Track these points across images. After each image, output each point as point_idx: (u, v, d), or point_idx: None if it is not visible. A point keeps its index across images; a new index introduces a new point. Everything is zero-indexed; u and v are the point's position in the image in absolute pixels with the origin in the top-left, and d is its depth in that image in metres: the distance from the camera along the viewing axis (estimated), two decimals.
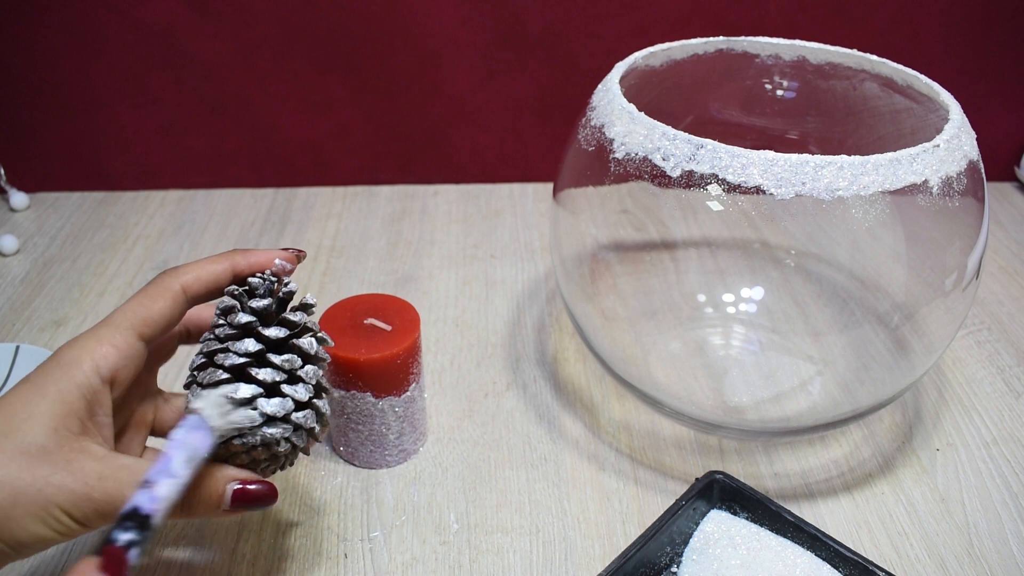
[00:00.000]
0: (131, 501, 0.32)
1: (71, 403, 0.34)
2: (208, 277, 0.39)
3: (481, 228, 0.78)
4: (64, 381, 0.34)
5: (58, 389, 0.34)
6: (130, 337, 0.36)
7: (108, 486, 0.33)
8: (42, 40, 0.75)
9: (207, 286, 0.39)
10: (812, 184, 0.42)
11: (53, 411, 0.34)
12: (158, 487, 0.32)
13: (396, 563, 0.47)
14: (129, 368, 0.36)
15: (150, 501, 0.32)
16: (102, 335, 0.36)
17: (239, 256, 0.40)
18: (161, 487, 0.32)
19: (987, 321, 0.67)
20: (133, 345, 0.36)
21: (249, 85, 0.79)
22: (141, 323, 0.37)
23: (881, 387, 0.53)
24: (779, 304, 0.64)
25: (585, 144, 0.50)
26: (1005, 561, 0.48)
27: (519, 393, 0.59)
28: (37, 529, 0.33)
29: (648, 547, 0.44)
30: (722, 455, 0.54)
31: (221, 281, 0.39)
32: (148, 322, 0.37)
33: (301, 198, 0.83)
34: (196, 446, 0.34)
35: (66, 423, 0.34)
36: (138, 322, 0.37)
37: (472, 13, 0.76)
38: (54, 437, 0.33)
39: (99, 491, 0.33)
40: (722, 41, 0.58)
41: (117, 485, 0.33)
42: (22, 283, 0.70)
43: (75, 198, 0.82)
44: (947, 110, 0.48)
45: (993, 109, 0.83)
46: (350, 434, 0.51)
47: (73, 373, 0.35)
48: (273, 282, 0.40)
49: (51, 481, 0.32)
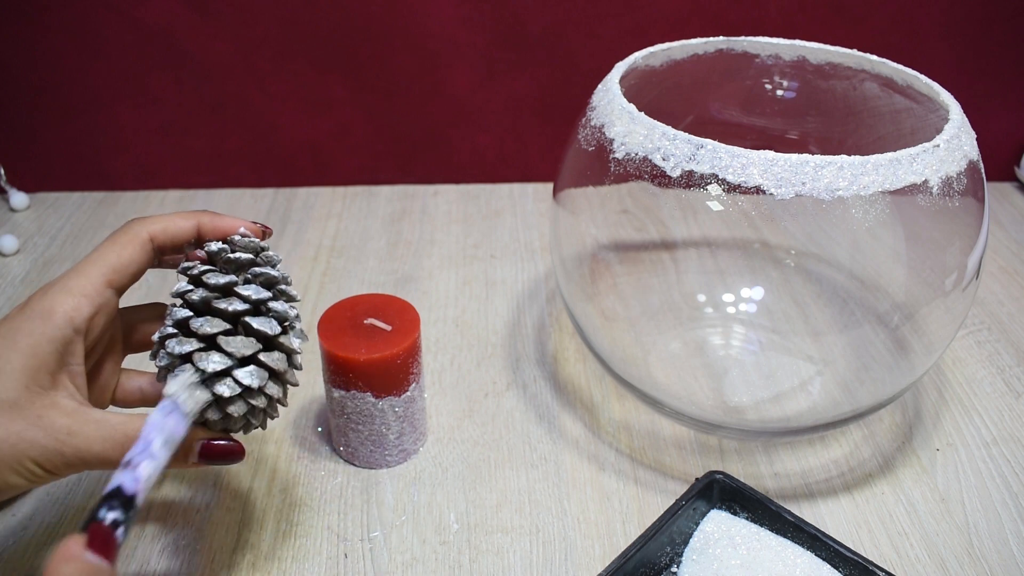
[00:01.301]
0: (114, 481, 0.33)
1: (43, 357, 0.35)
2: (175, 230, 0.39)
3: (481, 228, 0.78)
4: (36, 335, 0.35)
5: (30, 343, 0.35)
6: (101, 286, 0.37)
7: (77, 442, 0.35)
8: (42, 40, 0.75)
9: (172, 239, 0.40)
10: (812, 184, 0.42)
11: (25, 365, 0.34)
12: (140, 468, 0.33)
13: (396, 563, 0.47)
14: (101, 316, 0.37)
15: (133, 481, 0.33)
16: (74, 286, 0.36)
17: (206, 217, 0.40)
18: (142, 468, 0.33)
19: (987, 321, 0.67)
20: (104, 294, 0.37)
21: (249, 85, 0.79)
22: (111, 271, 0.37)
23: (881, 387, 0.53)
24: (779, 304, 0.64)
25: (585, 144, 0.50)
26: (1005, 561, 0.48)
27: (519, 393, 0.59)
28: (11, 479, 0.34)
29: (648, 547, 0.44)
30: (722, 455, 0.54)
31: (186, 237, 0.40)
32: (118, 270, 0.38)
33: (301, 198, 0.83)
34: (172, 429, 0.35)
35: (37, 378, 0.35)
36: (108, 270, 0.37)
37: (472, 13, 0.76)
38: (25, 393, 0.34)
39: (69, 446, 0.34)
40: (722, 41, 0.58)
41: (86, 441, 0.35)
42: (22, 283, 0.70)
43: (75, 198, 0.82)
44: (947, 110, 0.48)
45: (993, 109, 0.83)
46: (350, 434, 0.51)
47: (46, 326, 0.35)
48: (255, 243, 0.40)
49: (23, 436, 0.34)
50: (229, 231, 0.40)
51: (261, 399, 0.38)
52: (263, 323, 0.38)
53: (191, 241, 0.40)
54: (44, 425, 0.34)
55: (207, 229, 0.40)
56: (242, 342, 0.37)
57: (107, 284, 0.37)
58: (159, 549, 0.47)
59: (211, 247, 0.39)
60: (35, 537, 0.48)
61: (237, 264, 0.39)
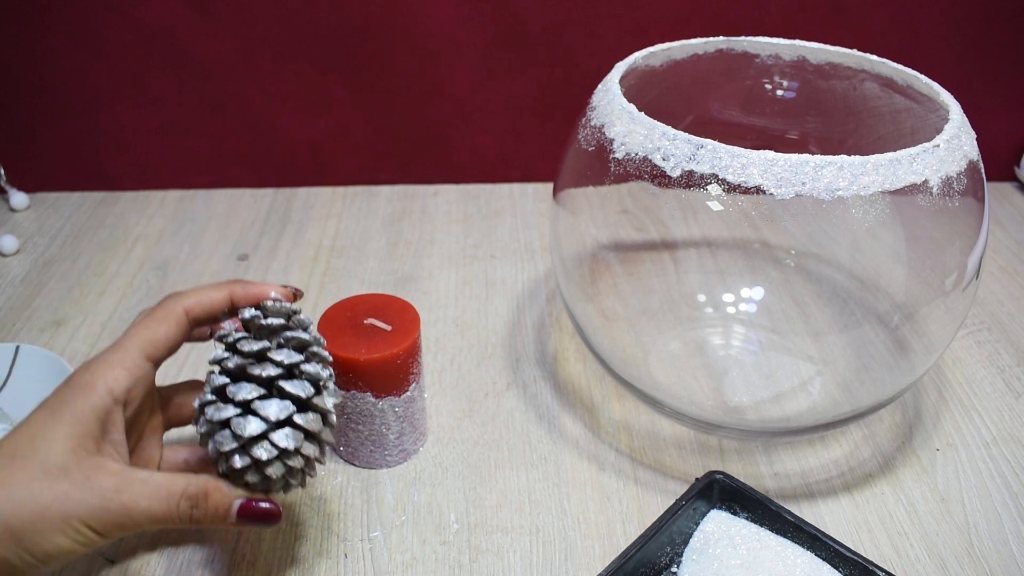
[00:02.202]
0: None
1: (86, 425, 0.36)
2: (209, 303, 0.42)
3: (481, 228, 0.78)
4: (79, 404, 0.37)
5: (73, 412, 0.36)
6: (139, 359, 0.39)
7: (124, 499, 0.36)
8: (42, 40, 0.75)
9: (207, 311, 0.42)
10: (812, 184, 0.42)
11: (70, 433, 0.36)
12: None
13: (396, 563, 0.47)
14: (139, 388, 0.39)
15: None
16: (113, 359, 0.38)
17: (238, 286, 0.42)
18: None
19: (987, 321, 0.67)
20: (142, 367, 0.39)
21: (249, 85, 0.79)
22: (149, 345, 0.39)
23: (881, 387, 0.53)
24: (779, 304, 0.64)
25: (585, 144, 0.50)
26: (1005, 561, 0.48)
27: (519, 393, 0.59)
28: (61, 542, 0.35)
29: (648, 547, 0.44)
30: (722, 455, 0.54)
31: (220, 307, 0.42)
32: (155, 344, 0.40)
33: (301, 198, 0.83)
34: None
35: (83, 443, 0.36)
36: (146, 344, 0.39)
37: (472, 13, 0.76)
38: (72, 457, 0.36)
39: (116, 503, 0.36)
40: (722, 41, 0.58)
41: (132, 497, 0.36)
42: (22, 283, 0.70)
43: (75, 198, 0.82)
44: (947, 110, 0.48)
45: (993, 109, 0.83)
46: (350, 434, 0.51)
47: (88, 397, 0.37)
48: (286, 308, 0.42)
49: (71, 497, 0.35)
50: (261, 297, 0.42)
51: (298, 459, 0.39)
52: (296, 386, 0.39)
53: (225, 311, 0.42)
54: (91, 485, 0.35)
55: (239, 297, 0.42)
56: (277, 406, 0.39)
57: (145, 358, 0.39)
58: (159, 549, 0.47)
59: (244, 314, 0.41)
60: None
61: (270, 330, 0.41)
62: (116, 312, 0.67)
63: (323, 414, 0.41)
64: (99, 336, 0.64)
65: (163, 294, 0.68)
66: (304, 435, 0.40)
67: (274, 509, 0.39)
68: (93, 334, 0.64)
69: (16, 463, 0.35)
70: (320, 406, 0.40)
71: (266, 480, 0.39)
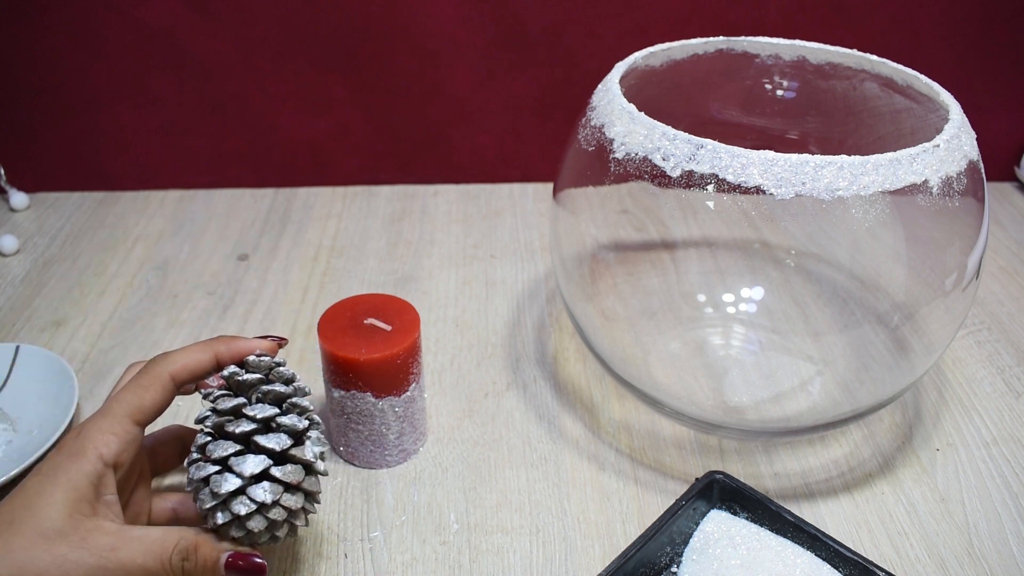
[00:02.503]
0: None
1: (80, 489, 0.38)
2: (194, 365, 0.43)
3: (481, 228, 0.78)
4: (73, 471, 0.38)
5: (68, 478, 0.38)
6: (127, 424, 0.40)
7: (121, 556, 0.37)
8: (42, 40, 0.75)
9: (192, 373, 0.43)
10: (812, 184, 0.42)
11: (66, 498, 0.37)
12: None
13: (396, 563, 0.47)
14: (128, 451, 0.40)
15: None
16: (103, 425, 0.40)
17: (222, 345, 0.43)
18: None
19: (987, 321, 0.67)
20: (130, 431, 0.40)
21: (249, 85, 0.79)
22: (136, 411, 0.41)
23: (881, 387, 0.53)
24: (779, 304, 0.64)
25: (585, 144, 0.50)
26: (1005, 561, 0.48)
27: (519, 393, 0.59)
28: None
29: (648, 547, 0.44)
30: (722, 455, 0.54)
31: (205, 370, 0.43)
32: (142, 409, 0.41)
33: (301, 198, 0.83)
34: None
35: (78, 507, 0.38)
36: (133, 410, 0.41)
37: (472, 13, 0.76)
38: (69, 521, 0.37)
39: (113, 562, 0.37)
40: (722, 41, 0.58)
41: (129, 554, 0.38)
42: (22, 283, 0.70)
43: (75, 198, 0.82)
44: (947, 110, 0.48)
45: (993, 109, 0.83)
46: (350, 434, 0.51)
47: (81, 463, 0.38)
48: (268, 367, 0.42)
49: (69, 558, 0.37)
50: (245, 354, 0.43)
51: (279, 511, 0.40)
52: (272, 440, 0.40)
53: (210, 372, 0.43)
54: (88, 546, 0.37)
55: (223, 357, 0.43)
56: (253, 461, 0.39)
57: (133, 423, 0.41)
58: None
59: (225, 372, 0.42)
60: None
61: (247, 385, 0.41)
62: (116, 312, 0.67)
63: (304, 465, 0.41)
64: (99, 336, 0.64)
65: (163, 294, 0.68)
66: (284, 487, 0.40)
67: (259, 563, 0.40)
68: (93, 334, 0.64)
69: (14, 529, 0.36)
70: (299, 457, 0.41)
71: (250, 534, 0.40)
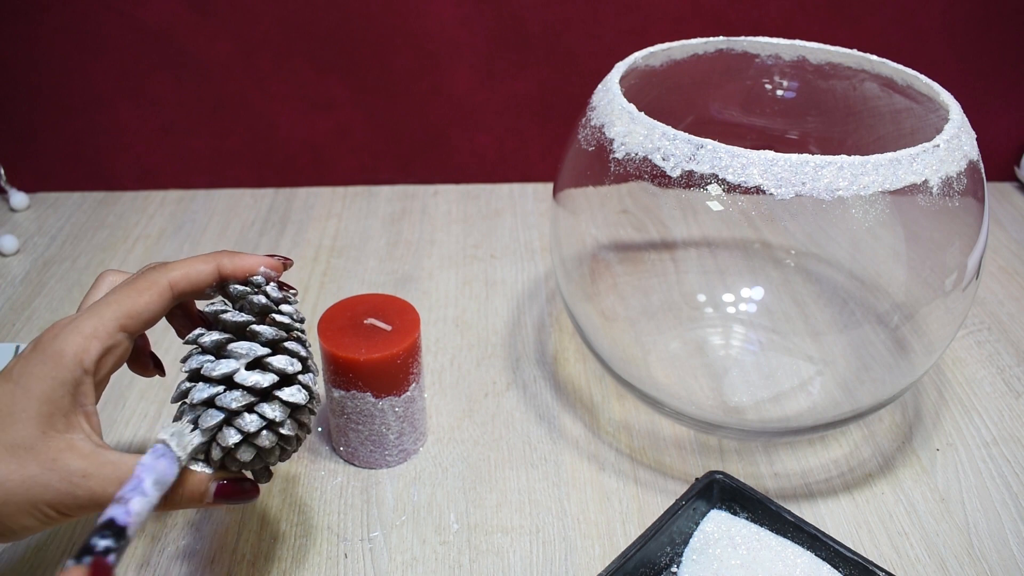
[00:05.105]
0: (106, 513, 0.33)
1: (56, 400, 0.35)
2: (196, 276, 0.39)
3: (481, 228, 0.78)
4: (48, 379, 0.35)
5: (43, 388, 0.35)
6: (114, 329, 0.37)
7: (92, 484, 0.35)
8: (42, 40, 0.75)
9: (193, 284, 0.39)
10: (812, 184, 0.42)
11: (40, 411, 0.35)
12: (131, 503, 0.34)
13: (396, 563, 0.47)
14: (111, 359, 0.37)
15: (124, 514, 0.33)
16: (85, 328, 0.36)
17: (226, 258, 0.40)
18: (134, 503, 0.34)
19: (987, 321, 0.67)
20: (116, 337, 0.37)
21: (249, 85, 0.79)
22: (126, 316, 0.37)
23: (881, 387, 0.53)
24: (779, 304, 0.64)
25: (585, 144, 0.50)
26: (1005, 561, 0.48)
27: (519, 393, 0.59)
28: (26, 521, 0.35)
29: (648, 547, 0.44)
30: (722, 455, 0.54)
31: (206, 281, 0.40)
32: (133, 315, 0.37)
33: (301, 198, 0.83)
34: (163, 471, 0.36)
35: (51, 422, 0.35)
36: (123, 315, 0.37)
37: (472, 13, 0.76)
38: (41, 437, 0.35)
39: (83, 489, 0.35)
40: (722, 41, 0.58)
41: (101, 483, 0.35)
42: (22, 283, 0.70)
43: (75, 198, 0.82)
44: (947, 110, 0.48)
45: (993, 109, 0.83)
46: (350, 434, 0.51)
47: (56, 369, 0.35)
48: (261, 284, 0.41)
49: (38, 480, 0.34)
50: (250, 271, 0.40)
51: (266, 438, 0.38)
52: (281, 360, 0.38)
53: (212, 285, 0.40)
54: (59, 468, 0.34)
55: (227, 270, 0.40)
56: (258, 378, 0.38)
57: (120, 328, 0.37)
58: (159, 550, 0.47)
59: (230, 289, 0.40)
60: (25, 555, 0.48)
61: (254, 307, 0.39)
62: None
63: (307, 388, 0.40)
64: None
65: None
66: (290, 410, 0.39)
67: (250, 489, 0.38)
68: None
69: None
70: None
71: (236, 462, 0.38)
